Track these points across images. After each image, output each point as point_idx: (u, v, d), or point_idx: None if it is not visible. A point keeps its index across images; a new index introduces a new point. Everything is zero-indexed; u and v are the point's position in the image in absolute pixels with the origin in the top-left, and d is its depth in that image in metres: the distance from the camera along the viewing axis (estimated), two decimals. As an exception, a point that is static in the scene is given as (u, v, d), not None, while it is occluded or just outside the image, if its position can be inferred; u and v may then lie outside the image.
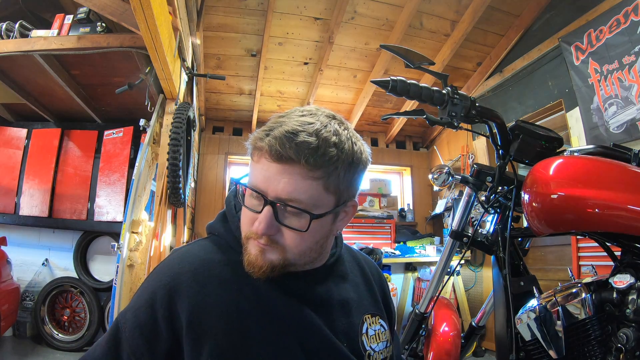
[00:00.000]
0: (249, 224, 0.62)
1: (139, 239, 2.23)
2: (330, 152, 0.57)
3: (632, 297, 0.75)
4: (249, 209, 0.62)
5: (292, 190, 0.57)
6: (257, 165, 0.60)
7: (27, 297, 3.22)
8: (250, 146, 0.61)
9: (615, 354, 0.74)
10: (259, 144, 0.59)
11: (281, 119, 0.60)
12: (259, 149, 0.59)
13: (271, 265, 0.61)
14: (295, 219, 0.59)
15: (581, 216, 0.80)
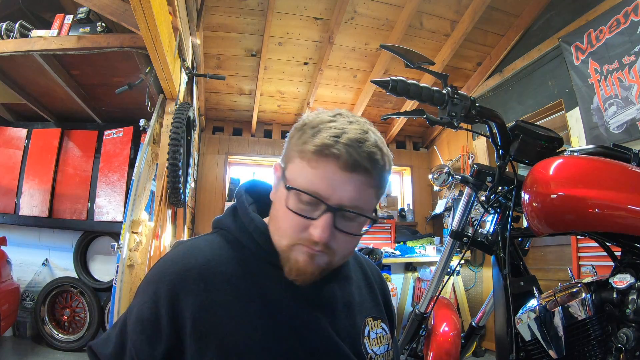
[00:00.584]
0: (298, 230, 0.59)
1: (139, 239, 2.23)
2: (385, 162, 0.61)
3: (632, 297, 0.75)
4: (299, 214, 0.58)
5: (357, 198, 0.58)
6: (318, 171, 0.57)
7: (27, 297, 3.22)
8: (313, 150, 0.57)
9: (615, 354, 0.74)
10: (330, 150, 0.56)
11: (332, 124, 0.59)
12: (326, 155, 0.56)
13: (320, 270, 0.60)
14: (350, 224, 0.59)
15: (581, 216, 0.80)
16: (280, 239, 0.61)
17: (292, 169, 0.60)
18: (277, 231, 0.63)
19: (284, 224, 0.60)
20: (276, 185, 0.65)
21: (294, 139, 0.62)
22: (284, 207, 0.59)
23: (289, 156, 0.62)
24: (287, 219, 0.59)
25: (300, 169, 0.58)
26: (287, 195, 0.59)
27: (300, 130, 0.61)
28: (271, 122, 4.44)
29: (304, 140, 0.59)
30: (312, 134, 0.58)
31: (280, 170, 0.63)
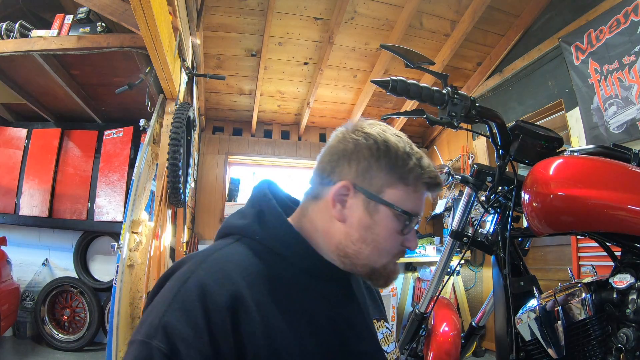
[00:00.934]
0: (396, 244, 0.65)
1: (139, 239, 2.23)
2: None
3: (632, 297, 0.75)
4: (402, 234, 0.65)
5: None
6: (418, 195, 0.64)
7: (27, 297, 3.22)
8: (421, 179, 0.63)
9: (615, 354, 0.74)
10: (427, 177, 0.64)
11: (412, 149, 0.65)
12: (425, 182, 0.64)
13: None
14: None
15: (581, 216, 0.81)
16: (379, 259, 0.64)
17: (395, 194, 0.63)
18: (373, 252, 0.63)
19: (387, 245, 0.64)
20: (357, 207, 0.63)
21: (384, 163, 0.63)
22: (386, 229, 0.63)
23: (382, 180, 0.63)
24: (391, 240, 0.64)
25: (406, 194, 0.63)
26: (393, 218, 0.63)
27: (388, 155, 0.63)
28: (271, 122, 4.44)
29: (400, 166, 0.63)
30: (406, 161, 0.63)
31: (362, 193, 0.62)
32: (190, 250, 3.57)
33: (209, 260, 0.57)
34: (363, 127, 0.65)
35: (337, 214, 0.63)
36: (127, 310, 2.10)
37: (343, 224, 0.63)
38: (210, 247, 0.62)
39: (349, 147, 0.64)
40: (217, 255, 0.59)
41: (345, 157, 0.63)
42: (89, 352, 3.07)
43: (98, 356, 2.99)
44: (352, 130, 0.66)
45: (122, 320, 2.00)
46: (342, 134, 0.67)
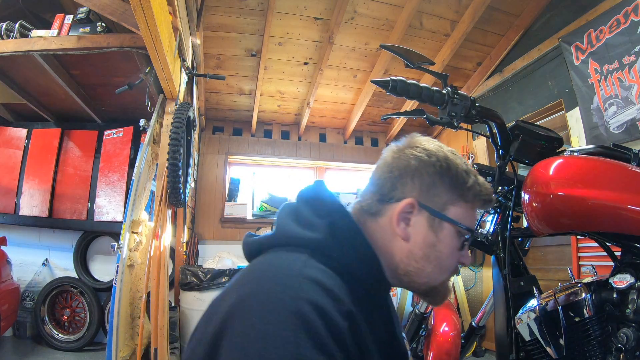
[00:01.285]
0: (455, 261, 0.66)
1: (139, 239, 2.23)
2: None
3: (632, 297, 0.75)
4: (460, 250, 0.66)
5: None
6: (472, 211, 0.67)
7: (27, 297, 3.21)
8: (479, 196, 0.65)
9: (615, 354, 0.74)
10: (485, 193, 0.66)
11: (469, 167, 0.67)
12: (482, 198, 0.65)
13: None
14: None
15: (581, 216, 0.81)
16: (439, 277, 0.65)
17: (456, 211, 0.64)
18: (435, 269, 0.64)
19: (448, 262, 0.64)
20: (421, 224, 0.63)
21: (447, 181, 0.63)
22: (449, 247, 0.63)
23: (445, 198, 0.63)
24: (452, 257, 0.64)
25: (466, 211, 0.65)
26: (455, 235, 0.64)
27: (450, 172, 0.63)
28: (271, 122, 4.44)
29: (461, 183, 0.64)
30: (466, 179, 0.64)
31: (427, 210, 0.63)
32: (190, 250, 3.57)
33: (307, 282, 0.49)
34: (421, 143, 0.65)
35: (401, 232, 0.62)
36: (127, 310, 2.10)
37: (406, 242, 0.62)
38: (284, 263, 0.54)
39: (412, 164, 0.63)
40: (309, 274, 0.51)
41: (408, 174, 0.63)
42: (89, 352, 3.07)
43: (98, 356, 2.99)
44: (410, 147, 0.65)
45: (122, 320, 2.00)
46: (399, 150, 0.66)
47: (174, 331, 2.56)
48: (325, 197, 0.64)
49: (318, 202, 0.63)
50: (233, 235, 3.99)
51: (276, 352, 0.41)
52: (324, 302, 0.47)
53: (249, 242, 0.65)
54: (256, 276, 0.53)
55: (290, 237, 0.59)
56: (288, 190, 4.39)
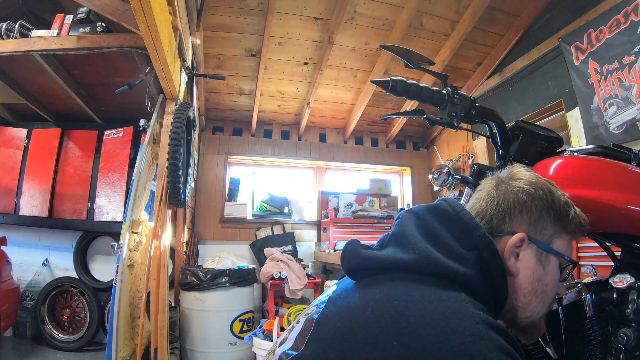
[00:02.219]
0: (555, 294, 0.65)
1: (139, 239, 2.23)
2: None
3: (632, 297, 0.75)
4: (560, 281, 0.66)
5: None
6: (572, 242, 0.67)
7: (27, 297, 3.22)
8: (579, 227, 0.66)
9: (615, 354, 0.74)
10: (585, 224, 0.67)
11: (564, 195, 0.66)
12: (582, 229, 0.66)
13: None
14: None
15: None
16: (542, 310, 0.64)
17: (561, 244, 0.65)
18: (540, 303, 0.63)
19: (552, 295, 0.64)
20: (530, 258, 0.62)
21: (553, 214, 0.64)
22: (553, 280, 0.64)
23: (551, 231, 0.64)
24: (555, 289, 0.65)
25: (568, 243, 0.66)
26: (558, 267, 0.64)
27: (554, 205, 0.64)
28: (271, 122, 4.44)
29: (564, 216, 0.64)
30: (568, 210, 0.65)
31: (535, 244, 0.62)
32: (190, 250, 3.57)
33: (487, 326, 0.45)
34: (525, 175, 0.66)
35: (512, 267, 0.60)
36: (127, 310, 2.10)
37: (515, 277, 0.61)
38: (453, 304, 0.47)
39: (520, 197, 0.63)
40: (484, 318, 0.46)
41: (517, 208, 0.63)
42: (89, 352, 3.07)
43: (98, 356, 2.99)
44: (514, 179, 0.65)
45: (122, 320, 2.00)
46: (503, 182, 0.66)
47: (174, 331, 2.56)
48: (472, 226, 0.58)
49: (462, 229, 0.57)
50: (233, 235, 3.99)
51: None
52: (510, 348, 0.45)
53: (364, 256, 0.56)
54: (426, 318, 0.45)
55: (440, 267, 0.52)
56: (288, 190, 4.39)
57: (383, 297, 0.49)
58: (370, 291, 0.52)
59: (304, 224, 4.22)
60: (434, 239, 0.56)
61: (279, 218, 4.13)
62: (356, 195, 4.14)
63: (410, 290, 0.49)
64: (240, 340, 2.80)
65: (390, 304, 0.48)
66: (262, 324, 2.77)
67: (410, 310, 0.46)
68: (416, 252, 0.54)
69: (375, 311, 0.47)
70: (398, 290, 0.50)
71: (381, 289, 0.51)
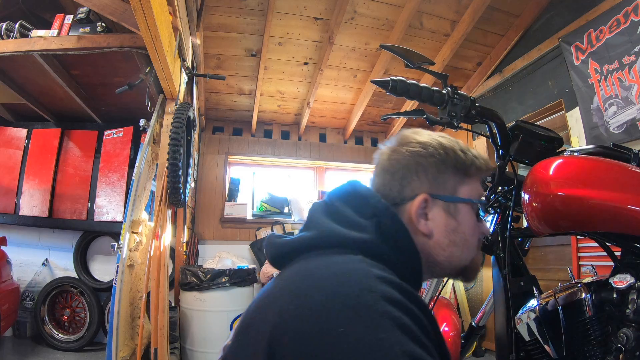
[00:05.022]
0: (477, 236, 0.68)
1: (139, 239, 2.23)
2: None
3: (632, 297, 0.75)
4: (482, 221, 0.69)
5: None
6: (477, 182, 0.68)
7: (27, 297, 3.22)
8: (480, 168, 0.67)
9: (615, 354, 0.74)
10: (484, 163, 0.68)
11: (458, 143, 0.67)
12: (482, 168, 0.68)
13: None
14: None
15: (581, 216, 0.80)
16: (469, 255, 0.66)
17: (466, 189, 0.66)
18: (464, 250, 0.65)
19: (473, 239, 0.66)
20: (439, 214, 0.63)
21: (450, 165, 0.64)
22: (471, 225, 0.66)
23: (452, 181, 0.65)
24: (475, 233, 0.66)
25: (473, 185, 0.67)
26: (471, 212, 0.66)
27: (449, 156, 0.65)
28: (271, 122, 4.44)
29: (462, 162, 0.65)
30: (465, 157, 0.65)
31: (441, 200, 0.63)
32: (190, 250, 3.57)
33: (380, 281, 0.46)
34: (413, 137, 0.66)
35: (424, 229, 0.62)
36: (127, 310, 2.10)
37: (430, 236, 0.63)
38: (346, 266, 0.49)
39: (413, 160, 0.64)
40: (378, 273, 0.47)
41: (412, 172, 0.63)
42: (89, 352, 3.07)
43: (98, 356, 2.99)
44: (404, 144, 0.66)
45: (122, 320, 2.00)
46: (391, 151, 0.66)
47: (174, 331, 2.56)
48: (367, 196, 0.61)
49: (360, 202, 0.61)
50: (233, 235, 3.99)
51: (384, 356, 0.39)
52: (402, 299, 0.45)
53: (278, 244, 0.60)
54: (317, 282, 0.47)
55: (338, 238, 0.55)
56: (288, 190, 4.39)
57: (288, 277, 0.53)
58: (282, 275, 0.55)
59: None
60: (335, 216, 0.59)
61: (279, 218, 4.13)
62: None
63: (317, 263, 0.52)
64: (240, 340, 2.80)
65: (292, 280, 0.51)
66: (262, 324, 2.77)
67: (308, 281, 0.48)
68: (318, 230, 0.57)
69: (280, 289, 0.50)
70: (301, 266, 0.53)
71: (290, 270, 0.55)
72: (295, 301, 0.46)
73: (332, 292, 0.45)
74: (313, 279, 0.48)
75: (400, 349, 0.40)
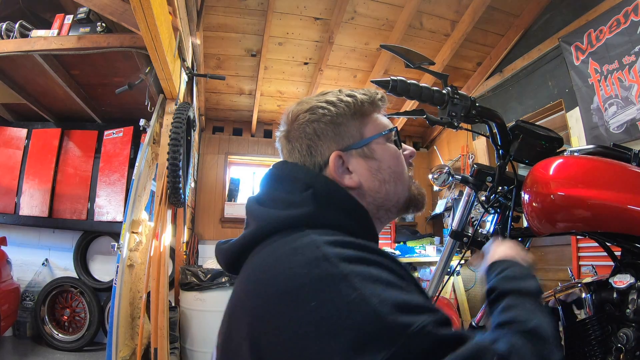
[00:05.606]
0: (404, 163, 0.68)
1: (139, 239, 2.23)
2: None
3: (632, 297, 0.75)
4: (405, 147, 0.70)
5: None
6: (379, 114, 0.69)
7: (27, 297, 3.22)
8: (371, 102, 0.67)
9: (615, 354, 0.74)
10: (374, 96, 0.68)
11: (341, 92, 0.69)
12: (375, 101, 0.68)
13: None
14: None
15: (581, 216, 0.80)
16: (404, 185, 0.67)
17: (370, 127, 0.66)
18: (397, 182, 0.65)
19: (400, 168, 0.67)
20: (358, 162, 0.64)
21: (344, 116, 0.65)
22: (390, 156, 0.66)
23: (354, 128, 0.65)
24: (400, 161, 0.67)
25: (375, 120, 0.67)
26: (386, 143, 0.66)
27: (339, 109, 0.65)
28: (271, 122, 4.44)
29: (353, 107, 0.65)
30: (353, 100, 0.66)
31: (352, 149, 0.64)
32: (190, 250, 3.57)
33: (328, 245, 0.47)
34: (297, 110, 0.69)
35: (351, 182, 0.62)
36: (127, 310, 2.10)
37: (360, 187, 0.63)
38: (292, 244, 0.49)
39: (307, 131, 0.65)
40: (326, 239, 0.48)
41: (313, 140, 0.64)
42: (89, 352, 3.07)
43: (98, 356, 2.99)
44: (293, 121, 0.68)
45: (122, 320, 2.00)
46: (287, 132, 0.69)
47: (174, 331, 2.56)
48: (295, 171, 0.62)
49: (289, 180, 0.61)
50: (233, 235, 3.88)
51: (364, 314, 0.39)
52: (361, 253, 0.46)
53: (225, 250, 0.60)
54: (274, 271, 0.47)
55: (279, 221, 0.54)
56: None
57: (244, 278, 0.53)
58: (239, 279, 0.55)
59: (304, 224, 4.22)
60: (270, 202, 0.59)
61: (279, 218, 4.13)
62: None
63: (261, 256, 0.52)
64: (240, 340, 2.80)
65: (250, 279, 0.51)
66: (262, 324, 2.77)
67: (265, 273, 0.48)
68: (257, 222, 0.57)
69: (243, 292, 0.51)
70: (254, 262, 0.53)
71: (244, 272, 0.55)
72: (261, 297, 0.46)
73: (291, 274, 0.45)
74: (269, 269, 0.48)
75: (377, 300, 0.40)
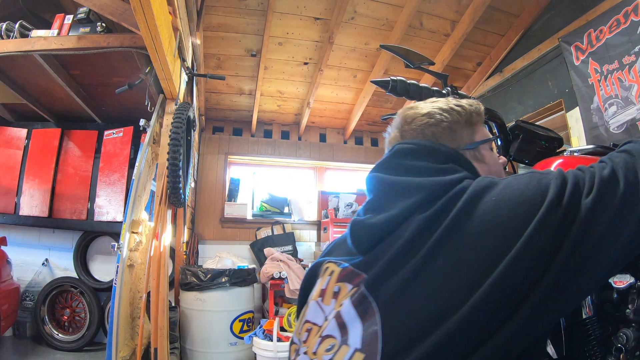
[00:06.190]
0: (502, 167, 0.80)
1: (139, 239, 2.23)
2: None
3: (632, 297, 0.75)
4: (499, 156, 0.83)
5: None
6: (482, 126, 0.79)
7: (27, 297, 3.22)
8: (478, 113, 0.77)
9: (615, 354, 0.74)
10: (480, 107, 0.78)
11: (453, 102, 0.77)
12: (480, 113, 0.78)
13: None
14: None
15: (581, 216, 0.80)
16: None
17: (478, 136, 0.76)
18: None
19: (501, 175, 0.77)
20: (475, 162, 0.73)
21: (459, 123, 0.74)
22: (496, 161, 0.79)
23: (465, 134, 0.74)
24: (500, 167, 0.80)
25: (481, 129, 0.77)
26: (490, 149, 0.78)
27: (451, 116, 0.73)
28: (271, 122, 4.44)
29: (464, 115, 0.74)
30: (464, 110, 0.74)
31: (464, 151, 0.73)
32: (190, 250, 3.57)
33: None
34: (414, 114, 0.75)
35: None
36: (127, 310, 2.10)
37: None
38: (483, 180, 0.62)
39: (425, 132, 0.72)
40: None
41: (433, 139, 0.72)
42: (89, 352, 3.07)
43: (98, 356, 2.99)
44: (408, 122, 0.74)
45: (122, 320, 2.00)
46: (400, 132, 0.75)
47: (174, 331, 2.56)
48: (435, 145, 0.69)
49: (428, 152, 0.68)
50: (233, 235, 3.99)
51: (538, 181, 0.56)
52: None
53: (383, 220, 0.64)
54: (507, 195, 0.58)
55: (440, 186, 0.62)
56: (288, 190, 4.39)
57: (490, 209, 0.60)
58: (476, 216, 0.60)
59: (304, 224, 4.22)
60: (413, 172, 0.65)
61: (279, 218, 4.13)
62: (356, 195, 4.14)
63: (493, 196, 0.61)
64: (240, 340, 2.81)
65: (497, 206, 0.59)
66: (262, 324, 2.77)
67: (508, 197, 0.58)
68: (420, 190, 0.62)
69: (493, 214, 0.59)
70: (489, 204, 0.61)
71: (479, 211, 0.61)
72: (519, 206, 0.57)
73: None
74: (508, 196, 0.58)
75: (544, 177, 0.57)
